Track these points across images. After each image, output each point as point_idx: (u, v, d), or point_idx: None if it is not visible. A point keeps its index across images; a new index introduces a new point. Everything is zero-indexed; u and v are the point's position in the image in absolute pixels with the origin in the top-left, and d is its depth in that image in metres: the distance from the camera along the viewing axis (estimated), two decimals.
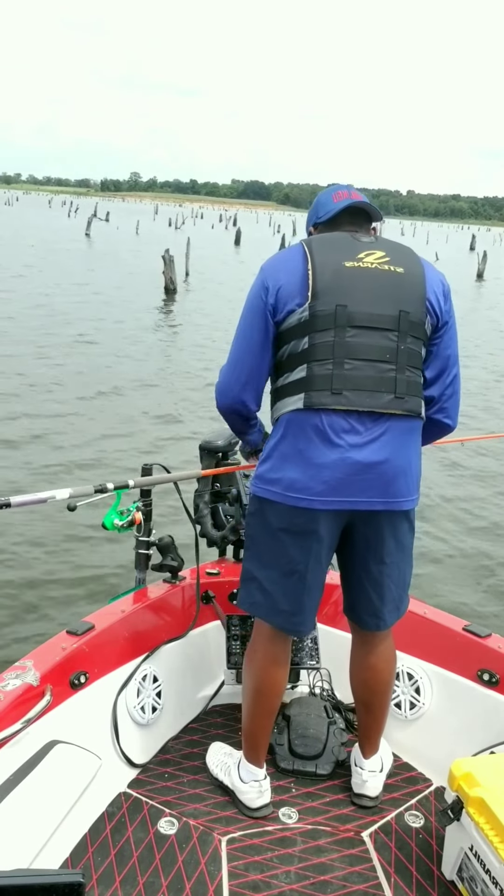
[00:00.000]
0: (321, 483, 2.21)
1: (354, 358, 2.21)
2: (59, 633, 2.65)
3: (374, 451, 2.21)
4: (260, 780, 2.59)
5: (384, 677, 2.57)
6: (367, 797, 2.65)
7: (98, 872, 2.30)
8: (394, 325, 2.22)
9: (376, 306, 2.23)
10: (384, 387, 2.21)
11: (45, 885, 0.95)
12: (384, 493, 2.24)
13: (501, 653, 2.75)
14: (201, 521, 3.24)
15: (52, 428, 9.49)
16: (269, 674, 2.51)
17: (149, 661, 2.85)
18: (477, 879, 2.18)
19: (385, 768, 2.71)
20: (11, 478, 7.72)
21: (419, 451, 2.34)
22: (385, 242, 2.36)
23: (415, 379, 2.27)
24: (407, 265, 2.30)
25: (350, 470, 2.20)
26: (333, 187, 2.53)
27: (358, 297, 2.23)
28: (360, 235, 2.36)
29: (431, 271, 2.35)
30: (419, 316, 2.26)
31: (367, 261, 2.27)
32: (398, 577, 2.42)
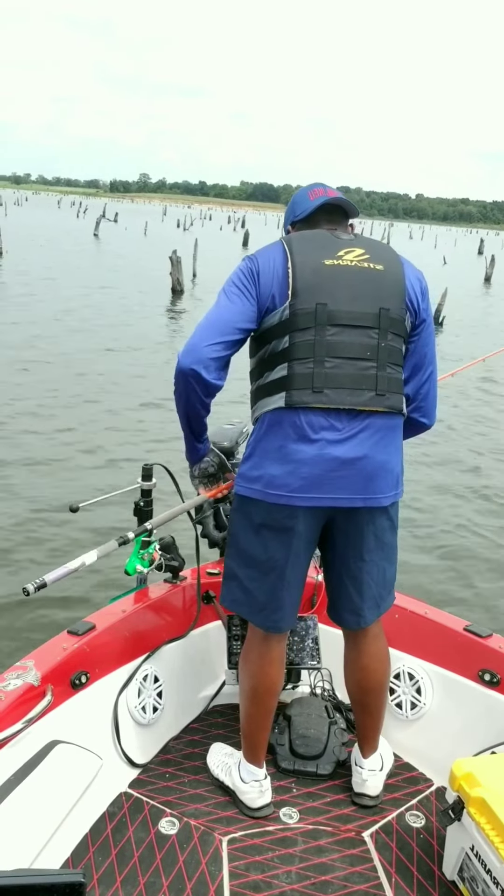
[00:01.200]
0: (300, 479, 2.23)
1: (335, 356, 2.22)
2: (59, 633, 2.65)
3: (352, 447, 2.22)
4: (260, 780, 2.59)
5: (377, 677, 2.57)
6: (368, 796, 2.64)
7: (99, 872, 2.30)
8: (374, 322, 2.25)
9: (357, 304, 2.25)
10: (365, 384, 2.23)
11: (45, 885, 0.95)
12: (363, 490, 2.25)
13: (502, 653, 2.75)
14: (203, 522, 3.24)
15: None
16: (265, 673, 2.51)
17: (150, 661, 2.85)
18: (478, 879, 2.18)
19: (385, 767, 2.71)
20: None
21: (400, 447, 2.36)
22: (364, 240, 2.38)
23: (396, 376, 2.30)
24: (386, 262, 2.32)
25: (328, 466, 2.22)
26: (310, 185, 2.54)
27: (338, 295, 2.24)
28: (339, 233, 2.37)
29: (410, 269, 2.37)
30: (399, 313, 2.29)
31: (346, 258, 2.29)
32: (378, 574, 2.43)
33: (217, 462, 2.81)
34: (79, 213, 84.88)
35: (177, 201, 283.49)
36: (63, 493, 7.33)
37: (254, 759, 2.60)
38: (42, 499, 7.25)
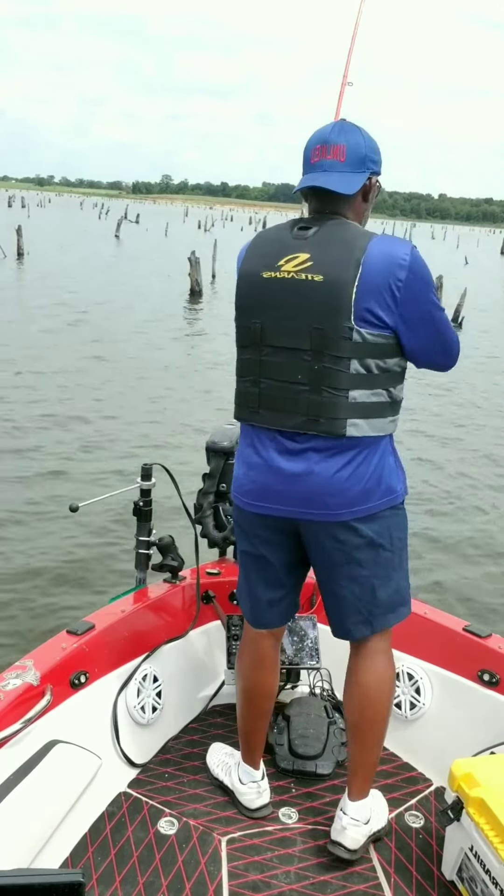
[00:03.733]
0: (250, 483, 2.23)
1: (269, 377, 2.14)
2: (59, 633, 2.64)
3: (297, 461, 2.13)
4: (258, 781, 2.57)
5: (372, 699, 2.35)
6: (344, 847, 2.34)
7: (98, 872, 2.30)
8: (306, 343, 2.06)
9: (287, 323, 2.09)
10: (297, 408, 2.10)
11: (44, 885, 0.94)
12: (310, 504, 2.14)
13: (502, 653, 2.75)
14: (203, 522, 3.24)
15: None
16: (256, 674, 2.48)
17: (149, 661, 2.85)
18: (477, 880, 2.18)
19: (373, 824, 2.42)
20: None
21: (361, 462, 2.13)
22: (322, 236, 2.09)
23: (333, 400, 2.06)
24: (331, 268, 2.03)
25: (274, 477, 2.17)
26: (317, 135, 2.19)
27: (271, 313, 2.12)
28: (302, 225, 2.14)
29: (374, 269, 2.01)
30: (339, 331, 2.02)
31: (285, 269, 2.09)
32: (361, 590, 2.25)
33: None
34: (101, 215, 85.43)
35: (198, 202, 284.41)
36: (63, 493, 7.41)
37: (250, 761, 2.57)
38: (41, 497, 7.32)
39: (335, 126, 2.17)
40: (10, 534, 6.52)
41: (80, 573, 5.93)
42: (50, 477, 7.88)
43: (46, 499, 7.26)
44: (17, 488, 7.53)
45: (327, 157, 2.13)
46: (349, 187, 2.12)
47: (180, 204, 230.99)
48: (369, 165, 2.17)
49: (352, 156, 2.13)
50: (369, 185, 2.18)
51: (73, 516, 3.04)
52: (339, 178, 2.11)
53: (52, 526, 6.69)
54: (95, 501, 3.11)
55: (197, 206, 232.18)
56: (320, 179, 2.12)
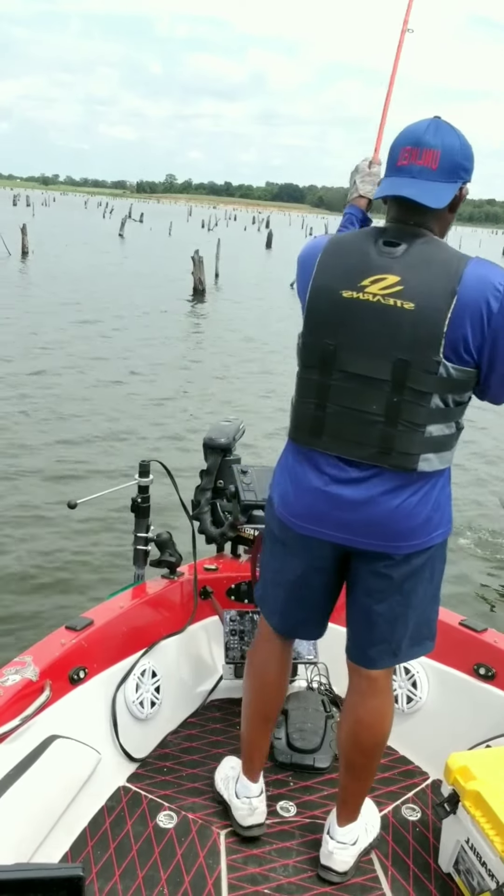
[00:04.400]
0: (302, 506, 2.08)
1: (339, 404, 1.98)
2: (58, 629, 2.65)
3: (357, 490, 1.99)
4: (251, 798, 2.44)
5: (369, 734, 2.26)
6: (334, 871, 2.31)
7: (98, 866, 2.31)
8: (388, 375, 1.90)
9: (368, 352, 1.92)
10: (368, 439, 1.95)
11: (45, 879, 0.95)
12: (367, 533, 2.02)
13: (498, 647, 2.76)
14: (200, 518, 3.25)
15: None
16: (267, 672, 2.39)
17: (147, 657, 2.86)
18: (473, 872, 2.19)
19: (360, 843, 2.37)
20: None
21: (426, 496, 2.01)
22: (413, 256, 1.90)
23: (408, 434, 1.93)
24: (423, 297, 1.86)
25: (331, 503, 2.02)
26: (408, 134, 1.96)
27: (349, 338, 1.94)
28: (387, 240, 1.94)
29: (470, 291, 1.84)
30: (426, 365, 1.87)
31: (370, 290, 1.90)
32: (395, 622, 2.14)
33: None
34: (105, 214, 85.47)
35: (202, 202, 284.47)
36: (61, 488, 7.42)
37: (248, 772, 2.47)
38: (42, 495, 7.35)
39: (431, 125, 1.94)
40: (10, 531, 6.54)
41: (78, 569, 5.95)
42: (49, 476, 7.91)
43: (46, 496, 7.29)
44: (15, 487, 7.56)
45: (417, 162, 1.91)
46: (440, 200, 1.91)
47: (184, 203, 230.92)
48: (462, 175, 1.95)
49: (446, 163, 1.91)
50: (459, 196, 1.97)
51: (72, 513, 3.04)
52: (429, 189, 1.90)
53: (51, 522, 6.72)
54: (94, 498, 3.12)
55: (201, 205, 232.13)
56: (408, 189, 1.90)
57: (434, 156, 1.90)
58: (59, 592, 5.57)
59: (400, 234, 1.95)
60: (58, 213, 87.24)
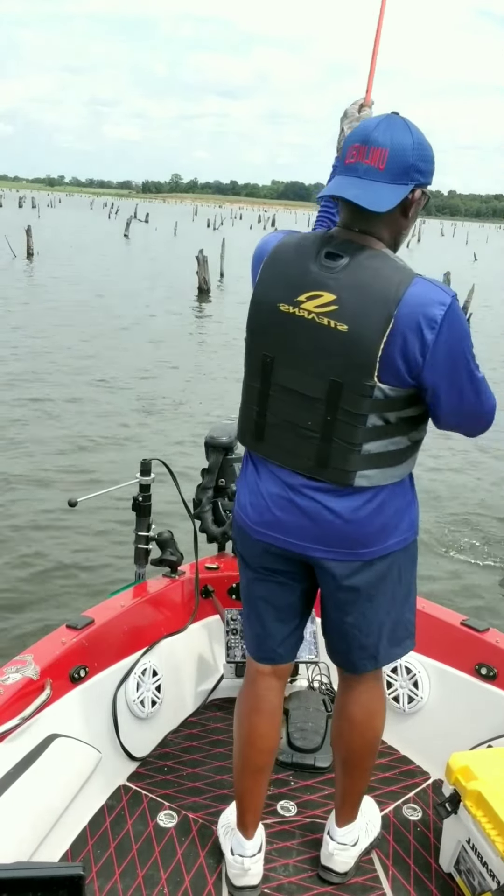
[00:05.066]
0: (256, 514, 2.01)
1: (276, 415, 1.93)
2: (58, 628, 2.65)
3: (308, 498, 1.92)
4: (244, 858, 2.25)
5: (360, 732, 2.22)
6: (334, 872, 2.31)
7: (98, 865, 2.31)
8: (321, 394, 1.83)
9: (303, 369, 1.85)
10: (304, 452, 1.89)
11: (45, 878, 0.94)
12: (321, 541, 1.94)
13: (499, 647, 2.75)
14: (202, 517, 3.25)
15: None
16: (251, 722, 2.24)
17: (148, 655, 2.86)
18: (474, 872, 2.18)
19: (361, 843, 2.36)
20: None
21: (376, 509, 1.93)
22: (353, 274, 1.79)
23: (344, 453, 1.85)
24: (357, 319, 1.77)
25: (283, 510, 1.96)
26: (359, 130, 1.84)
27: (285, 353, 1.88)
28: (330, 251, 1.83)
29: (408, 315, 1.74)
30: (359, 388, 1.79)
31: (305, 307, 1.82)
32: (369, 629, 2.08)
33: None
34: (110, 214, 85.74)
35: (208, 201, 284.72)
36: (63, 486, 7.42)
37: (241, 826, 2.28)
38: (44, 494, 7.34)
39: (383, 122, 1.81)
40: (10, 531, 6.55)
41: (79, 568, 5.96)
42: (50, 474, 7.92)
43: (46, 495, 7.30)
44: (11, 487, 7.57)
45: (364, 161, 1.79)
46: (382, 203, 1.77)
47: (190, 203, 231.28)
48: (414, 176, 1.81)
49: (394, 163, 1.77)
50: (411, 200, 1.84)
51: (73, 510, 3.03)
52: (372, 190, 1.77)
53: (52, 520, 6.73)
54: (94, 496, 3.11)
55: (206, 204, 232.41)
56: (349, 190, 1.78)
57: (382, 155, 1.77)
58: (59, 591, 5.57)
59: (344, 246, 1.83)
60: (63, 214, 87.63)
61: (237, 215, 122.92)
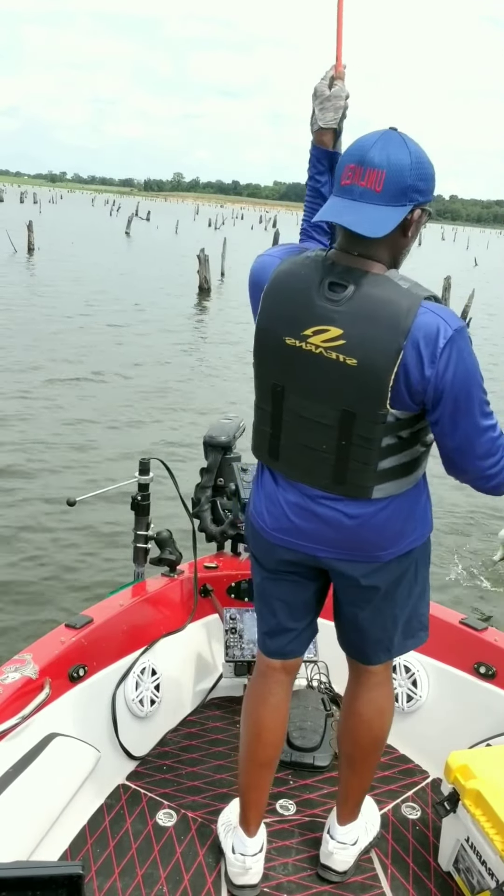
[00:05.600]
0: (274, 521, 2.01)
1: (291, 439, 1.92)
2: (57, 627, 2.65)
3: (325, 507, 1.93)
4: (246, 856, 2.26)
5: (368, 728, 2.23)
6: (333, 871, 2.32)
7: (97, 864, 2.31)
8: (335, 422, 1.83)
9: (315, 399, 1.84)
10: (320, 471, 1.89)
11: (44, 877, 0.93)
12: (340, 546, 1.95)
13: (498, 646, 2.75)
14: (201, 516, 3.25)
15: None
16: (258, 715, 2.24)
17: (147, 655, 2.86)
18: (473, 871, 2.19)
19: (361, 843, 2.36)
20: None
21: (392, 514, 1.93)
22: (358, 305, 1.74)
23: (360, 472, 1.85)
24: (367, 353, 1.73)
25: (301, 517, 1.96)
26: (353, 150, 1.76)
27: (295, 382, 1.86)
28: (333, 280, 1.78)
29: (417, 344, 1.71)
30: (372, 417, 1.78)
31: (312, 341, 1.78)
32: (385, 624, 2.11)
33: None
34: (112, 212, 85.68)
35: (210, 200, 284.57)
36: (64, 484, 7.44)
37: (244, 823, 2.29)
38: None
39: (379, 140, 1.72)
40: (8, 529, 6.55)
41: (78, 567, 5.95)
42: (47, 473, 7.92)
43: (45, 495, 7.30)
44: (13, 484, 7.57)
45: (360, 183, 1.71)
46: (380, 228, 1.70)
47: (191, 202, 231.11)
48: (413, 197, 1.73)
49: (391, 185, 1.70)
50: (410, 220, 1.77)
51: (72, 510, 3.03)
52: (369, 215, 1.70)
53: (51, 520, 6.73)
54: (93, 496, 3.12)
55: (208, 204, 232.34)
56: (345, 216, 1.72)
57: (378, 176, 1.70)
58: (58, 590, 5.57)
59: (347, 274, 1.77)
60: (65, 210, 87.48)
61: (238, 215, 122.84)
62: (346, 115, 2.13)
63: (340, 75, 2.11)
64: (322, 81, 2.10)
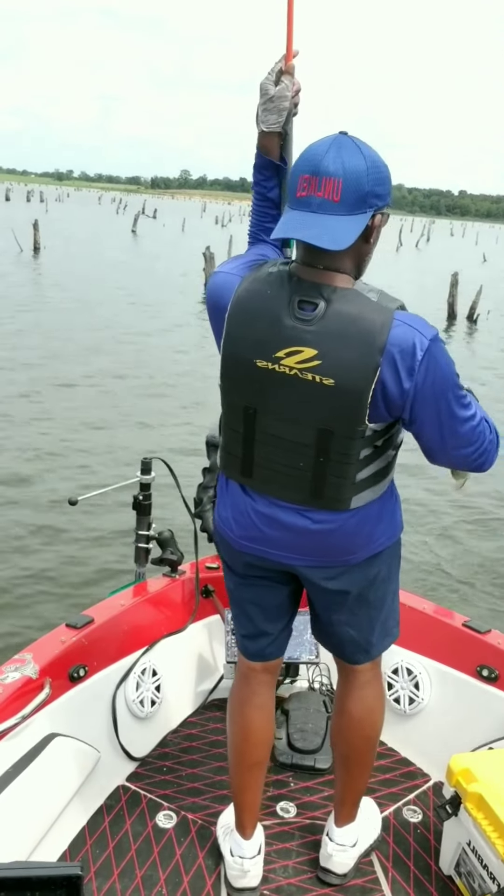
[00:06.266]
0: (241, 529, 1.97)
1: (264, 457, 1.87)
2: (58, 627, 2.65)
3: (297, 517, 1.89)
4: (244, 859, 2.24)
5: (359, 728, 2.22)
6: (333, 873, 2.30)
7: (96, 865, 2.31)
8: (311, 441, 1.79)
9: (290, 420, 1.79)
10: (297, 486, 1.85)
11: (43, 878, 0.93)
12: (310, 553, 1.94)
13: (500, 649, 2.74)
14: (202, 516, 3.24)
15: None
16: (244, 716, 2.22)
17: (148, 655, 2.85)
18: (474, 874, 2.17)
19: (360, 844, 2.35)
20: None
21: (362, 520, 1.91)
22: (330, 324, 1.69)
23: (338, 485, 1.83)
24: (343, 372, 1.69)
25: (270, 527, 1.93)
26: (306, 159, 1.69)
27: (268, 405, 1.80)
28: (301, 299, 1.72)
29: (394, 362, 1.68)
30: (350, 433, 1.76)
31: (286, 363, 1.72)
32: (360, 626, 2.09)
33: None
34: (118, 210, 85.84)
35: (217, 198, 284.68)
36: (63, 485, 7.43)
37: (239, 826, 2.28)
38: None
39: (332, 146, 1.66)
40: (9, 528, 6.56)
41: (79, 567, 5.95)
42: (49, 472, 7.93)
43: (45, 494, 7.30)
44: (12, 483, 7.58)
45: (317, 194, 1.65)
46: (343, 239, 1.65)
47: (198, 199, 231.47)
48: (372, 202, 1.69)
49: (349, 193, 1.65)
50: (371, 226, 1.72)
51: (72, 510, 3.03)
52: (330, 227, 1.65)
53: (51, 519, 6.72)
54: (95, 495, 3.11)
55: (215, 201, 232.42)
56: (305, 231, 1.66)
57: (335, 185, 1.63)
58: (59, 590, 5.57)
59: (314, 291, 1.71)
60: (71, 208, 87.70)
61: (245, 212, 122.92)
62: (295, 113, 1.96)
63: (289, 70, 1.92)
64: (268, 77, 1.92)
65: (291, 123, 1.97)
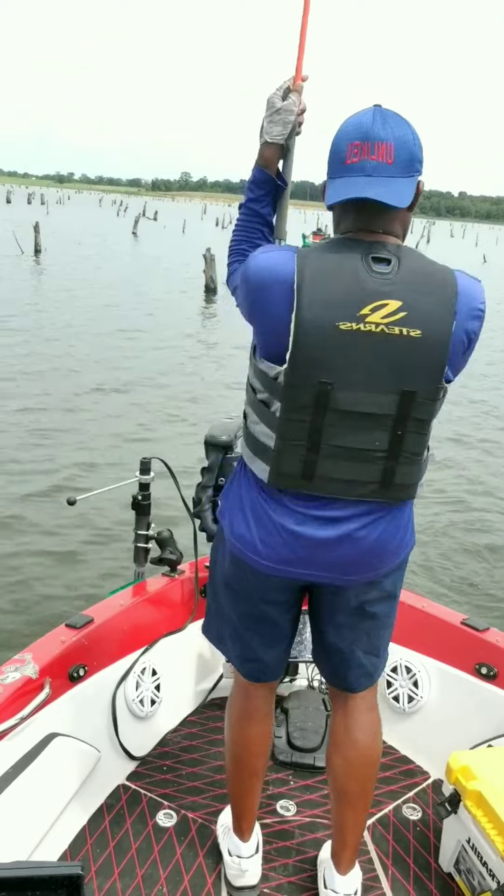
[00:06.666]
0: (266, 549, 1.86)
1: (335, 444, 1.75)
2: (58, 627, 2.65)
3: (332, 529, 1.81)
4: (242, 858, 2.24)
5: (367, 755, 2.12)
6: None
7: (97, 864, 2.31)
8: (392, 409, 1.72)
9: (372, 387, 1.70)
10: (368, 476, 1.77)
11: (43, 877, 0.94)
12: (341, 569, 1.86)
13: (499, 646, 2.74)
14: (201, 516, 3.24)
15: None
16: (247, 727, 2.17)
17: (148, 655, 2.86)
18: (474, 872, 2.18)
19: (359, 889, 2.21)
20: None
21: (394, 524, 1.87)
22: (408, 276, 1.69)
23: (409, 466, 1.79)
24: (429, 321, 1.68)
25: (299, 544, 1.83)
26: (352, 126, 1.71)
27: (349, 375, 1.70)
28: (374, 256, 1.69)
29: (465, 311, 1.71)
30: (431, 393, 1.73)
31: (371, 319, 1.66)
32: (369, 643, 2.04)
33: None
34: (119, 212, 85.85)
35: (217, 199, 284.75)
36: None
37: (237, 829, 2.26)
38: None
39: (377, 115, 1.69)
40: (8, 527, 6.56)
41: (78, 567, 5.94)
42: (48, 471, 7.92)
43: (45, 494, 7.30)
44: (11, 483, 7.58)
45: (371, 158, 1.66)
46: (403, 198, 1.68)
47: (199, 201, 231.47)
48: (417, 167, 1.72)
49: (402, 155, 1.68)
50: (418, 191, 1.75)
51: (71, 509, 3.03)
52: (391, 187, 1.67)
53: (51, 519, 6.72)
54: (93, 495, 3.11)
55: (216, 203, 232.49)
56: (370, 189, 1.65)
57: (388, 149, 1.67)
58: (58, 590, 5.57)
59: (382, 248, 1.71)
60: (72, 211, 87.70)
61: None
62: (299, 132, 2.01)
63: (298, 88, 1.99)
64: (276, 92, 1.98)
65: (294, 140, 2.01)
